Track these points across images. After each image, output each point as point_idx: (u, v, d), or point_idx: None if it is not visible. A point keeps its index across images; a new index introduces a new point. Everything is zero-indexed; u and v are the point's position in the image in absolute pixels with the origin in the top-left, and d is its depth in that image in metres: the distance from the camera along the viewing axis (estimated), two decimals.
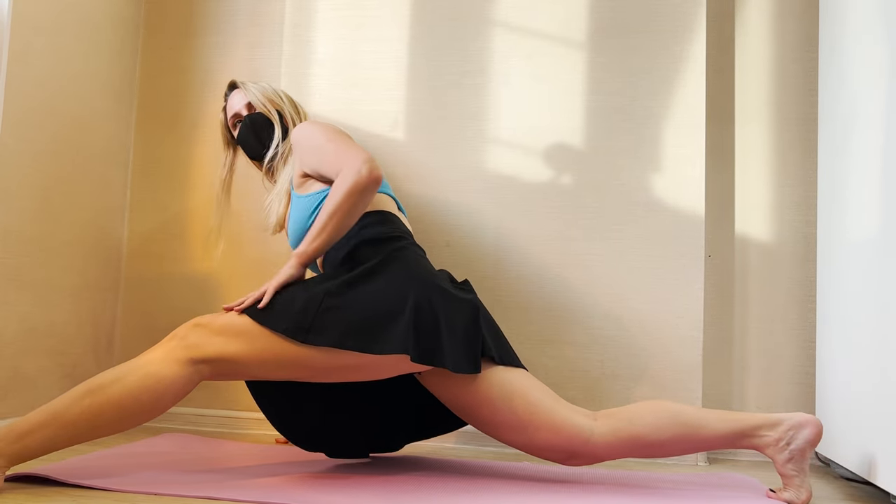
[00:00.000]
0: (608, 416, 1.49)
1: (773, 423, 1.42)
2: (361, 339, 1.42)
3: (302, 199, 1.72)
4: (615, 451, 1.47)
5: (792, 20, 2.12)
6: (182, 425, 2.16)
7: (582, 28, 2.11)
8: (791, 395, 2.05)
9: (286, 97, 1.93)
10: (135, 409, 1.36)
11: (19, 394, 1.88)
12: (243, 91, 1.90)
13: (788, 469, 1.40)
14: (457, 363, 1.45)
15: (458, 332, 1.47)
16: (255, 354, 1.42)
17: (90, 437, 1.36)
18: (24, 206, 1.87)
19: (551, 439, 1.47)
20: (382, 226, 1.66)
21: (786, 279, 2.08)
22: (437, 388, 1.54)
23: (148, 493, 1.32)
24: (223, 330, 1.42)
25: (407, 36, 2.18)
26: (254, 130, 1.86)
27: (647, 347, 2.00)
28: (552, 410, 1.48)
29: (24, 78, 1.85)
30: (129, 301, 2.26)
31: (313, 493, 1.35)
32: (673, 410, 1.47)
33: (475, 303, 1.52)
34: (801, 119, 2.10)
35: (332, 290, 1.47)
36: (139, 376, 1.36)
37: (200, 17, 2.29)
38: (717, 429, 1.44)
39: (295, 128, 1.77)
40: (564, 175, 2.08)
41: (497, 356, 1.51)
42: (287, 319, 1.42)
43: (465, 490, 1.44)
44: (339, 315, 1.44)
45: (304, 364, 1.44)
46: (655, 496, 1.42)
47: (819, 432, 1.40)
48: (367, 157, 1.57)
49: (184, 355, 1.39)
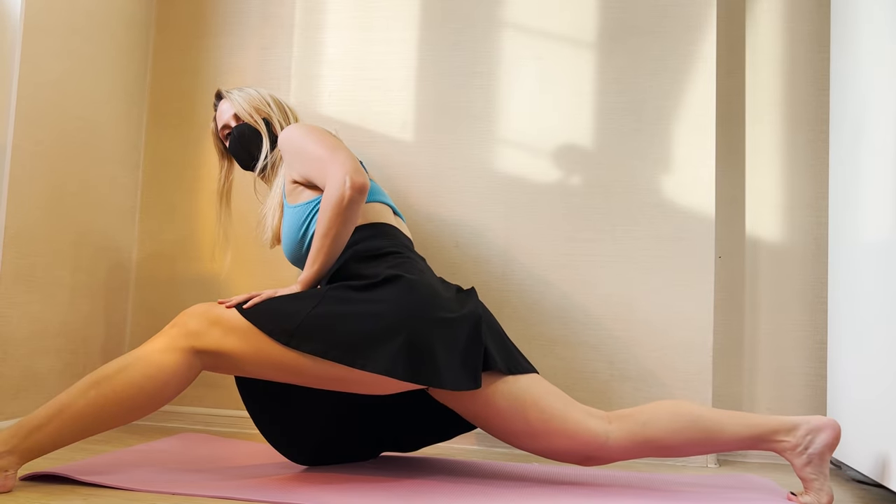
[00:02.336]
0: (623, 417, 1.48)
1: (791, 428, 1.41)
2: (347, 352, 1.39)
3: (293, 210, 1.69)
4: (630, 453, 1.47)
5: (802, 20, 2.11)
6: (193, 425, 2.17)
7: (591, 29, 2.10)
8: (802, 397, 2.04)
9: (274, 102, 1.87)
10: (140, 399, 1.36)
11: (31, 393, 1.89)
12: (229, 101, 1.86)
13: (807, 473, 1.39)
14: (456, 381, 1.42)
15: (457, 349, 1.44)
16: (250, 353, 1.41)
17: (98, 429, 1.36)
18: (36, 206, 1.88)
19: (567, 445, 1.47)
20: (375, 240, 1.63)
21: (797, 280, 2.07)
22: (448, 401, 1.52)
23: (160, 493, 1.33)
24: (218, 321, 1.41)
25: (416, 37, 2.18)
26: (242, 143, 1.82)
27: (656, 349, 2.00)
28: (566, 417, 1.46)
29: (36, 80, 1.86)
30: (140, 301, 2.27)
31: (325, 494, 1.36)
32: (690, 414, 1.45)
33: (476, 315, 1.49)
34: (811, 119, 2.09)
35: (325, 300, 1.45)
36: (142, 366, 1.37)
37: (211, 19, 2.30)
38: (735, 433, 1.43)
39: (281, 133, 1.73)
40: (573, 176, 2.08)
41: (504, 367, 1.49)
42: (274, 321, 1.41)
43: (477, 492, 1.44)
44: (328, 325, 1.41)
45: (296, 369, 1.42)
46: (673, 499, 1.42)
47: (837, 435, 1.39)
48: (349, 167, 1.54)
49: (185, 343, 1.39)
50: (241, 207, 2.23)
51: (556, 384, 2.01)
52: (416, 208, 2.12)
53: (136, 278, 2.28)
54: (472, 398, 1.48)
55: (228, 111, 1.85)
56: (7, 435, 1.31)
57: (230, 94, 1.86)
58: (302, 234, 1.67)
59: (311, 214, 1.66)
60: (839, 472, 1.87)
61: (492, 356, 1.48)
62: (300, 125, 1.73)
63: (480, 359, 1.46)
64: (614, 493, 1.46)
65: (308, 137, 1.66)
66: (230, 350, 1.41)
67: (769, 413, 2.03)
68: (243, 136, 1.82)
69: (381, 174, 2.14)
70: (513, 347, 1.56)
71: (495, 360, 1.48)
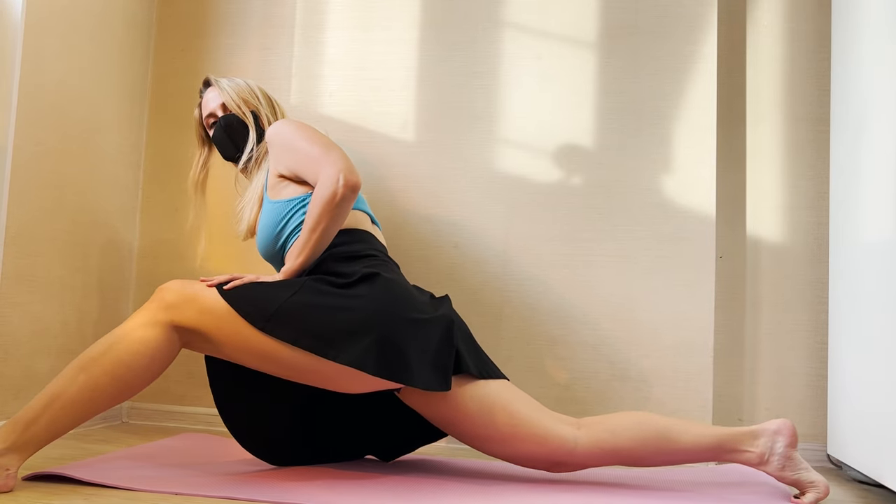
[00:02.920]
0: (591, 424, 1.49)
1: (753, 436, 1.44)
2: (319, 342, 1.40)
3: (273, 205, 1.68)
4: (598, 460, 1.47)
5: (804, 20, 2.11)
6: (194, 425, 2.17)
7: (592, 29, 2.10)
8: (802, 398, 2.04)
9: (263, 95, 1.87)
10: (129, 377, 1.36)
11: (32, 393, 1.89)
12: (218, 89, 1.85)
13: (787, 475, 1.41)
14: (427, 381, 1.43)
15: (429, 350, 1.45)
16: (225, 334, 1.41)
17: (92, 412, 1.36)
18: (37, 206, 1.89)
19: (535, 450, 1.47)
20: (353, 244, 1.63)
21: (797, 280, 2.07)
22: (418, 405, 1.52)
23: (161, 492, 1.33)
24: (195, 298, 1.42)
25: (417, 37, 2.18)
26: (227, 133, 1.82)
27: (657, 349, 2.00)
28: (535, 422, 1.47)
29: (38, 80, 1.86)
30: (141, 301, 2.27)
31: (326, 493, 1.36)
32: (656, 424, 1.47)
33: (448, 318, 1.50)
34: (812, 119, 2.09)
35: (303, 290, 1.46)
36: (126, 343, 1.37)
37: (212, 19, 2.31)
38: (697, 442, 1.45)
39: (270, 127, 1.73)
40: (574, 176, 2.08)
41: (476, 370, 1.49)
42: (251, 305, 1.42)
43: (476, 491, 1.44)
44: (303, 314, 1.42)
45: (268, 355, 1.42)
46: (674, 497, 1.42)
47: (793, 433, 1.42)
48: (343, 164, 1.55)
49: (164, 317, 1.40)
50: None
51: (557, 384, 2.01)
52: (416, 208, 2.12)
53: (136, 278, 2.28)
54: (442, 400, 1.48)
55: (216, 100, 1.85)
56: (4, 432, 1.31)
57: (219, 82, 1.86)
58: (279, 231, 1.67)
59: (292, 212, 1.66)
60: (839, 473, 1.87)
61: (463, 359, 1.49)
62: (290, 121, 1.73)
63: (451, 361, 1.47)
64: (616, 491, 1.46)
65: (300, 133, 1.66)
66: (205, 329, 1.41)
67: (769, 414, 2.03)
68: (230, 127, 1.82)
69: (381, 174, 2.14)
70: (484, 355, 1.58)
71: (467, 363, 1.49)
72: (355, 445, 1.73)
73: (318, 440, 1.68)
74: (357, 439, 1.72)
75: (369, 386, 1.46)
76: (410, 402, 1.53)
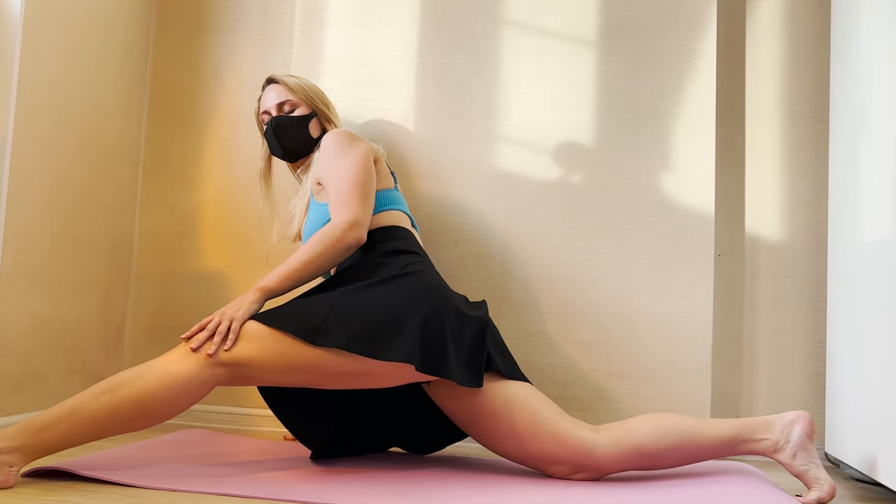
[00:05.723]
0: (609, 427, 1.52)
1: (767, 425, 1.46)
2: (368, 344, 1.43)
3: (319, 207, 1.74)
4: (619, 462, 1.49)
5: (803, 18, 2.11)
6: (193, 422, 2.17)
7: (592, 27, 2.10)
8: (801, 396, 2.04)
9: (323, 100, 1.91)
10: (151, 407, 1.37)
11: (30, 389, 1.89)
12: (280, 89, 1.88)
13: (798, 465, 1.42)
14: (461, 376, 1.47)
15: (464, 347, 1.50)
16: (269, 358, 1.43)
17: (107, 433, 1.37)
18: (36, 203, 1.88)
19: (554, 450, 1.49)
20: (396, 241, 1.70)
21: (796, 278, 2.07)
22: (443, 399, 1.56)
23: (160, 489, 1.33)
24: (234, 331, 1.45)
25: (416, 35, 2.18)
26: (276, 133, 1.86)
27: (655, 347, 2.00)
28: (555, 422, 1.50)
29: (37, 76, 1.86)
30: (139, 297, 2.27)
31: (328, 490, 1.36)
32: (672, 419, 1.51)
33: (484, 319, 1.55)
34: (812, 117, 2.09)
35: (344, 296, 1.50)
36: (157, 374, 1.38)
37: (211, 16, 2.30)
38: (716, 433, 1.47)
39: (326, 135, 1.78)
40: (573, 174, 2.08)
41: (504, 370, 1.54)
42: (297, 321, 1.44)
43: (482, 486, 1.44)
44: (349, 319, 1.45)
45: (314, 368, 1.44)
46: (675, 486, 1.42)
47: (810, 423, 1.44)
48: (358, 217, 1.60)
49: (202, 355, 1.41)
50: (239, 203, 2.23)
51: (555, 381, 2.01)
52: (416, 206, 2.12)
53: (136, 274, 2.28)
54: (468, 395, 1.51)
55: (274, 98, 1.88)
56: (16, 431, 1.32)
57: (285, 81, 1.88)
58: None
59: None
60: (837, 471, 1.87)
61: (493, 359, 1.54)
62: (345, 136, 1.75)
63: (483, 359, 1.51)
64: (616, 490, 1.46)
65: (345, 158, 1.69)
66: (249, 357, 1.43)
67: (767, 411, 2.04)
68: (280, 128, 1.86)
69: None
70: (512, 358, 1.63)
71: (496, 362, 1.54)
72: (387, 438, 1.78)
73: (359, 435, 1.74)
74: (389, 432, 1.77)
75: (409, 379, 1.50)
76: (435, 395, 1.57)
